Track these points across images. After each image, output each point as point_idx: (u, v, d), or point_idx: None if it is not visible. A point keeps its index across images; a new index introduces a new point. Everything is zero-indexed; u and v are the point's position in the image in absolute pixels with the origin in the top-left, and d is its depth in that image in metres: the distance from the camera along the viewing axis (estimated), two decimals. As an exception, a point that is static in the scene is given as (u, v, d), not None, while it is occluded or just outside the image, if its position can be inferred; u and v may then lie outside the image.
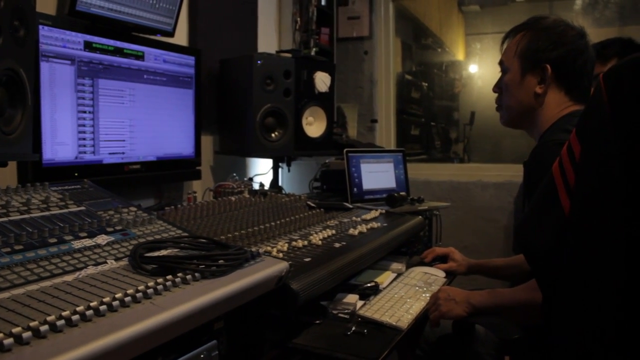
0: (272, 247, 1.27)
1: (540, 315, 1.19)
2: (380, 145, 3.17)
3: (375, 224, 1.69)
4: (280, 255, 1.23)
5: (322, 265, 1.21)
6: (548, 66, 1.32)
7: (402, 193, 2.14)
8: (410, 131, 3.96)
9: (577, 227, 0.82)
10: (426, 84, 4.47)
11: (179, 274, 0.86)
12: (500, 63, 1.44)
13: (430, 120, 4.44)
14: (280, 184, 2.65)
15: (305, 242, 1.37)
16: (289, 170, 2.60)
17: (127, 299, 0.75)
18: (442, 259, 1.80)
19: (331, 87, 2.56)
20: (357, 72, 3.38)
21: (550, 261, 0.90)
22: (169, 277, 0.85)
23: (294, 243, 1.34)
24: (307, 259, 1.23)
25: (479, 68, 5.28)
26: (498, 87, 1.45)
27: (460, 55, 5.49)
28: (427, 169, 3.42)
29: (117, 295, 0.75)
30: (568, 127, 1.21)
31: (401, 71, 3.99)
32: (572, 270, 0.86)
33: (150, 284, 0.81)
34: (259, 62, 2.21)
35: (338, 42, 3.37)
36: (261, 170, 2.61)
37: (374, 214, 1.86)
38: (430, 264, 1.76)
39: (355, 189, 2.20)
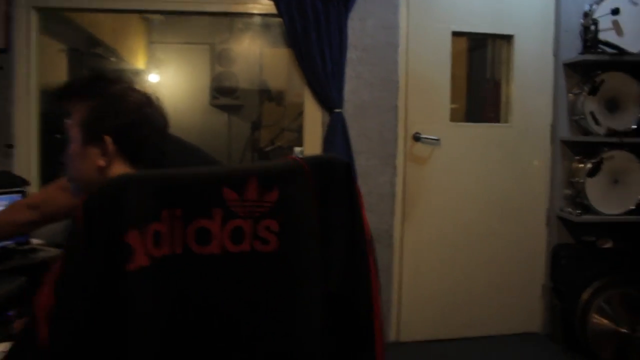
0: None
1: None
2: (19, 175, 2.85)
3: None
4: None
5: None
6: (109, 137, 1.19)
7: (11, 245, 1.90)
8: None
9: (54, 355, 0.81)
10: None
11: None
12: (66, 131, 1.27)
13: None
14: None
15: None
16: None
17: None
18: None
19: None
20: (-11, 89, 2.97)
21: None
22: None
23: None
24: None
25: (161, 76, 5.22)
26: (65, 157, 1.28)
27: (140, 64, 5.35)
28: (76, 197, 3.20)
29: None
30: None
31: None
32: None
33: None
34: None
35: (-34, 52, 2.92)
36: None
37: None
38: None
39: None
